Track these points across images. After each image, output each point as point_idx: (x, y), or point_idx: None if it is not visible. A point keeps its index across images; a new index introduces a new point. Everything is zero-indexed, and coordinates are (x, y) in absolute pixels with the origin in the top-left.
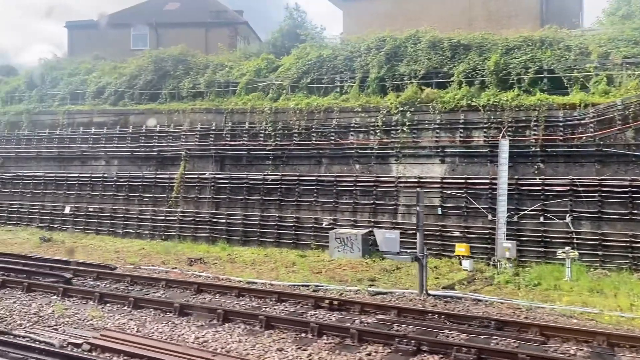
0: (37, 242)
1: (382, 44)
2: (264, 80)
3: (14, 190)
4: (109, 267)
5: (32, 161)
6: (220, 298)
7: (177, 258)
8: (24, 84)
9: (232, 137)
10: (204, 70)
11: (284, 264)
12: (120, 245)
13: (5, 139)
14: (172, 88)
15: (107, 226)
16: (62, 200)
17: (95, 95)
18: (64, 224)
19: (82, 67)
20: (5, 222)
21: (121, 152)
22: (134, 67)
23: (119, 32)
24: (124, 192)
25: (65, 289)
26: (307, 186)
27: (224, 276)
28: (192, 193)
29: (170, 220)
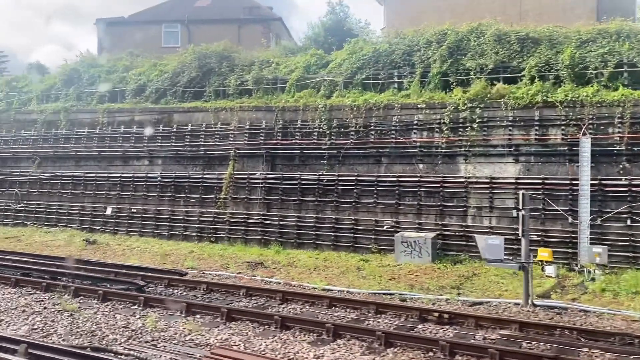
0: (81, 245)
1: (443, 37)
2: (315, 77)
3: (52, 190)
4: (179, 273)
5: (70, 161)
6: (312, 308)
7: (234, 262)
8: (60, 82)
9: (284, 135)
10: (250, 67)
11: (349, 268)
12: (168, 248)
13: (42, 138)
14: (218, 85)
15: (152, 228)
16: (103, 201)
17: (136, 93)
18: (106, 226)
19: (120, 65)
20: (44, 223)
21: (165, 151)
22: (176, 64)
23: (149, 30)
24: (169, 192)
25: (147, 299)
26: (366, 187)
27: (295, 282)
28: (241, 194)
29: (219, 221)
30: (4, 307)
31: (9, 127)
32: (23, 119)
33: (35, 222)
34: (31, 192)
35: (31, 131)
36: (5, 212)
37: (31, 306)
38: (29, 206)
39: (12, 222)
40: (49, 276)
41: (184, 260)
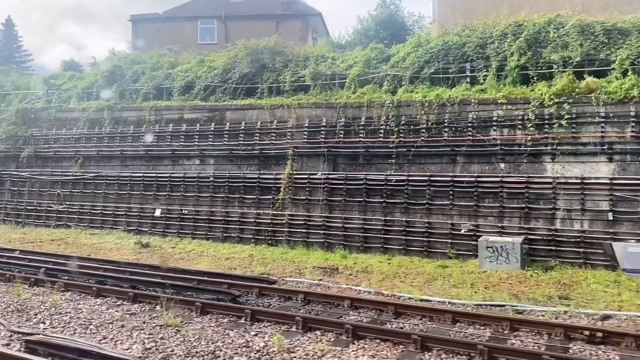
0: (134, 248)
1: (519, 29)
2: (376, 72)
3: (96, 191)
4: (267, 281)
5: (115, 160)
6: (436, 324)
7: (303, 267)
8: (102, 79)
9: (346, 133)
10: (304, 62)
11: (432, 275)
12: (225, 251)
13: (84, 137)
14: (272, 82)
15: (205, 230)
16: (152, 202)
17: (184, 90)
18: (155, 228)
19: (165, 61)
20: (88, 225)
21: (218, 150)
22: (225, 59)
23: (184, 26)
24: (223, 193)
25: (253, 312)
26: (439, 187)
27: (386, 292)
28: (301, 195)
29: (277, 224)
30: (98, 321)
31: (50, 125)
32: (64, 118)
33: (78, 224)
34: (74, 192)
35: (73, 130)
36: (47, 214)
37: (128, 320)
38: (72, 207)
39: (54, 224)
40: (127, 284)
41: (250, 265)
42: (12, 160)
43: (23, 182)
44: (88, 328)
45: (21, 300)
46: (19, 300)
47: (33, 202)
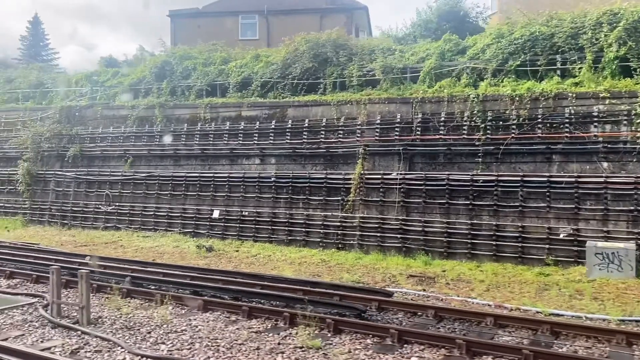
0: (197, 252)
1: (615, 18)
2: (454, 64)
3: (148, 191)
4: (384, 293)
5: (168, 159)
6: (609, 347)
7: (388, 274)
8: (151, 75)
9: (424, 130)
10: (370, 55)
11: (537, 285)
12: (293, 255)
13: (134, 136)
14: (336, 76)
15: (267, 233)
16: (209, 203)
17: (241, 86)
18: (213, 230)
19: (217, 57)
20: (140, 227)
21: (279, 149)
22: (284, 54)
23: (225, 21)
24: (286, 194)
25: (400, 332)
26: (534, 188)
27: (508, 304)
28: (374, 196)
29: (348, 227)
30: (225, 341)
31: (96, 123)
32: (111, 115)
33: (129, 226)
34: (123, 193)
35: (121, 128)
36: (94, 215)
37: (258, 340)
38: (121, 208)
39: (102, 226)
40: (227, 295)
41: (331, 271)
42: (57, 160)
43: (68, 182)
44: (219, 350)
45: (123, 314)
46: (121, 315)
47: (79, 203)
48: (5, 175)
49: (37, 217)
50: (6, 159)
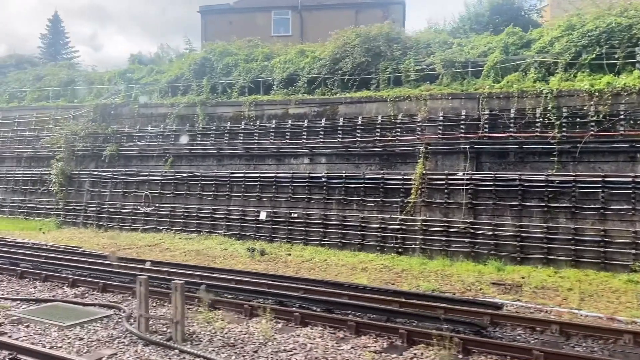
0: (247, 255)
1: None
2: (521, 58)
3: (190, 192)
4: (492, 305)
5: (210, 159)
6: None
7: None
8: (190, 72)
9: (492, 127)
10: (426, 49)
11: (637, 294)
12: (351, 260)
13: (174, 135)
14: (391, 71)
15: (319, 235)
16: (254, 204)
17: (287, 83)
18: (259, 232)
19: (259, 53)
20: (182, 228)
21: (330, 147)
22: (332, 49)
23: (256, 17)
24: (339, 195)
25: (546, 355)
26: (617, 190)
27: (619, 317)
28: (437, 197)
29: (408, 230)
30: None
31: (133, 122)
32: (149, 113)
33: (170, 228)
34: (163, 193)
35: (160, 126)
36: (133, 216)
37: None
38: (162, 209)
39: (142, 227)
40: (318, 306)
41: (400, 278)
42: (91, 159)
43: (104, 182)
44: None
45: (217, 329)
46: (215, 330)
47: (116, 203)
48: (37, 175)
49: (71, 219)
50: (37, 158)
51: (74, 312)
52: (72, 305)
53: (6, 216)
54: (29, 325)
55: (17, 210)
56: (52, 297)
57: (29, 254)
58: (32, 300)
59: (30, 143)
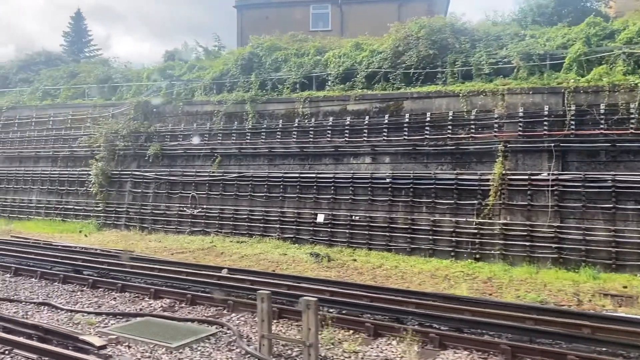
0: (312, 261)
1: None
2: (607, 49)
3: (240, 193)
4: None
5: (261, 159)
6: None
7: (561, 290)
8: (236, 68)
9: (579, 124)
10: (497, 41)
11: None
12: (423, 267)
13: (221, 133)
14: (461, 64)
15: (384, 240)
16: (311, 206)
17: (344, 78)
18: (317, 236)
19: (310, 47)
20: (232, 231)
21: (395, 146)
22: (391, 41)
23: (294, 12)
24: (406, 197)
25: None
26: None
27: None
28: (518, 199)
29: (486, 234)
30: None
31: (177, 120)
32: (194, 111)
33: (219, 230)
34: (211, 195)
35: (206, 125)
36: (179, 218)
37: None
38: (210, 211)
39: (188, 230)
40: (441, 324)
41: (492, 287)
42: (133, 159)
43: (147, 183)
44: None
45: (349, 352)
46: (348, 354)
47: (160, 205)
48: (74, 175)
49: (111, 221)
50: (74, 158)
51: (172, 330)
52: (165, 321)
53: (42, 218)
54: (130, 346)
55: (53, 212)
56: (140, 311)
57: (86, 259)
58: (120, 315)
59: (67, 142)
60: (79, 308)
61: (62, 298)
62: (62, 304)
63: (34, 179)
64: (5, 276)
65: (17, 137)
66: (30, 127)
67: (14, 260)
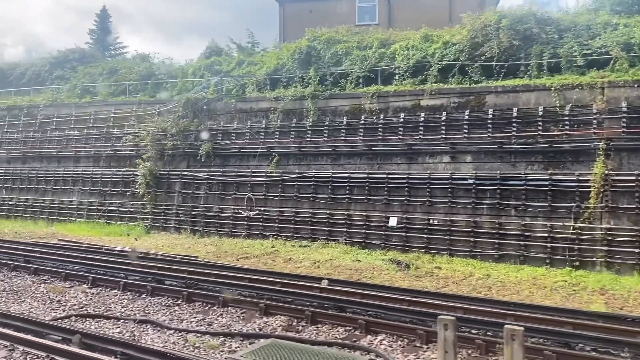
0: (394, 268)
1: None
2: None
3: (300, 195)
4: None
5: (324, 158)
6: None
7: None
8: (293, 63)
9: None
10: (587, 31)
11: None
12: (518, 275)
13: (279, 131)
14: (549, 56)
15: (468, 245)
16: (381, 209)
17: (415, 72)
18: (389, 240)
19: (373, 39)
20: (292, 235)
21: (478, 144)
22: (466, 32)
23: (339, 5)
24: (491, 199)
25: None
26: None
27: None
28: (624, 202)
29: (586, 240)
30: None
31: (230, 118)
32: (248, 108)
33: (279, 234)
34: (269, 196)
35: (262, 122)
36: (233, 221)
37: None
38: (268, 214)
39: (244, 233)
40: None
41: (617, 302)
42: (182, 159)
43: (198, 183)
44: None
45: None
46: None
47: (212, 207)
48: (118, 176)
49: (160, 223)
50: (117, 157)
51: (314, 356)
52: (296, 345)
53: (84, 220)
54: None
55: (95, 214)
56: (260, 332)
57: (160, 267)
58: (240, 336)
59: (109, 141)
60: (187, 327)
61: (161, 314)
62: (166, 322)
63: (74, 179)
64: (83, 286)
65: (56, 136)
66: (69, 126)
67: (82, 268)
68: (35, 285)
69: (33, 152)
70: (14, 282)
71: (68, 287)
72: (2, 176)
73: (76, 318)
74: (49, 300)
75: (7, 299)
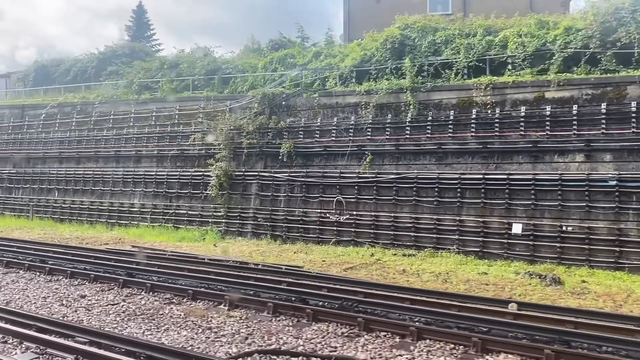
0: (533, 283)
1: None
2: None
3: (399, 197)
4: None
5: (426, 157)
6: None
7: None
8: (384, 53)
9: None
10: None
11: None
12: None
13: (371, 128)
14: None
15: (612, 256)
16: (500, 214)
17: (534, 61)
18: (512, 249)
19: (477, 26)
20: (392, 242)
21: (619, 140)
22: (592, 18)
23: None
24: (638, 202)
25: None
26: None
27: None
28: None
29: None
30: None
31: (312, 114)
32: (333, 104)
33: (375, 241)
34: (361, 199)
35: (350, 118)
36: (320, 226)
37: None
38: (360, 218)
39: (334, 240)
40: None
41: None
42: (258, 159)
43: (278, 185)
44: None
45: None
46: None
47: (294, 211)
48: (186, 177)
49: (236, 228)
50: (184, 157)
51: None
52: None
53: (148, 224)
54: None
55: (160, 217)
56: None
57: (280, 280)
58: None
59: (175, 140)
60: None
61: (351, 350)
62: None
63: (135, 180)
64: (221, 307)
65: (114, 135)
66: (128, 124)
67: (201, 284)
68: (164, 306)
69: (88, 151)
70: (139, 303)
71: (204, 308)
72: (54, 177)
73: (260, 356)
74: (198, 328)
75: (149, 327)
